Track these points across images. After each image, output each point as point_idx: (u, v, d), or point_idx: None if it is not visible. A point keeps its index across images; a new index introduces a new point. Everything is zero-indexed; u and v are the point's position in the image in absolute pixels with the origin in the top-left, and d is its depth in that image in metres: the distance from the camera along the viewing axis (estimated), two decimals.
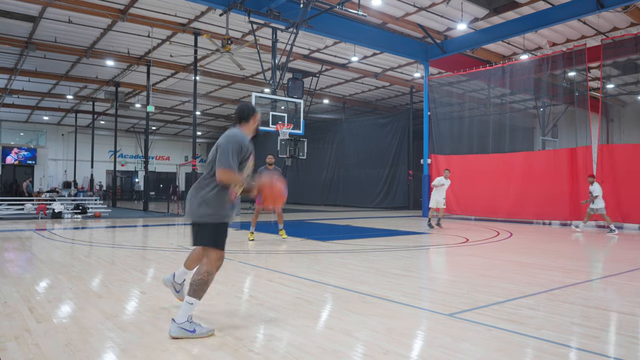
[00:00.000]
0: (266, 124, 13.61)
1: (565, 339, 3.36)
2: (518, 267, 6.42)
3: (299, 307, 4.18)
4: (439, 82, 18.53)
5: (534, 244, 9.51)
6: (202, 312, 4.00)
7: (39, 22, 15.00)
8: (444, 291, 4.92)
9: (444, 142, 18.12)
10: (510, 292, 4.85)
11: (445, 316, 3.92)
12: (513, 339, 3.33)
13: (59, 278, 5.45)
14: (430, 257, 7.89)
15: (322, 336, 3.41)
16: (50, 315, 3.88)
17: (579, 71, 15.77)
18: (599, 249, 8.99)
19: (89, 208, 16.84)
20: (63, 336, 3.33)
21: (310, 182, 29.32)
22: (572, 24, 14.85)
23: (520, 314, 3.97)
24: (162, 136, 38.66)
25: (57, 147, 34.68)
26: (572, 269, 6.35)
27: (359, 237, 10.49)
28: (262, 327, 3.64)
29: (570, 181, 14.13)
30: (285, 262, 6.78)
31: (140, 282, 5.33)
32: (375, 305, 4.32)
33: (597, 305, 4.33)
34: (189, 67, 19.60)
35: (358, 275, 5.73)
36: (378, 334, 3.45)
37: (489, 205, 15.94)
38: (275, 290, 4.89)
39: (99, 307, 4.14)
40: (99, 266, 6.35)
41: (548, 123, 20.73)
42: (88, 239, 9.87)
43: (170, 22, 15.39)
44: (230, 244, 8.93)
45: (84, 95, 25.72)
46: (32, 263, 6.61)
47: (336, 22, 15.07)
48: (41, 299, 4.45)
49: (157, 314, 3.93)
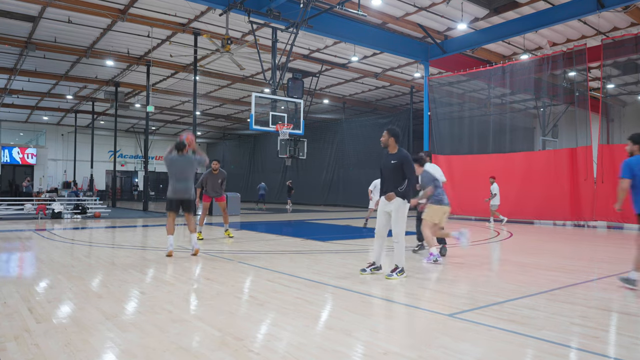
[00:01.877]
0: (266, 124, 13.61)
1: (565, 339, 3.36)
2: (518, 267, 6.42)
3: (299, 307, 4.18)
4: (439, 82, 18.52)
5: (534, 244, 9.51)
6: (202, 312, 4.01)
7: (38, 22, 15.00)
8: (444, 291, 4.92)
9: (444, 142, 18.12)
10: (511, 292, 4.86)
11: (445, 316, 3.92)
12: (513, 339, 3.33)
13: (59, 278, 5.45)
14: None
15: (322, 336, 3.41)
16: (50, 315, 3.89)
17: (579, 71, 15.77)
18: (599, 249, 8.99)
19: (88, 208, 16.84)
20: (63, 336, 3.33)
21: (310, 182, 29.33)
22: (573, 23, 14.85)
23: (520, 314, 3.98)
24: (162, 136, 38.65)
25: (57, 147, 34.69)
26: (573, 269, 6.35)
27: (359, 238, 10.49)
28: (262, 327, 3.64)
29: (571, 181, 14.12)
30: (285, 262, 6.79)
31: (140, 282, 5.33)
32: (375, 306, 4.32)
33: (598, 306, 4.33)
34: (189, 67, 19.60)
35: (358, 275, 5.73)
36: (378, 334, 3.46)
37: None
38: (275, 290, 4.89)
39: (99, 307, 4.14)
40: (99, 266, 6.35)
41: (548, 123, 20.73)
42: (88, 239, 9.87)
43: (170, 22, 15.40)
44: (230, 244, 8.93)
45: (83, 95, 25.72)
46: (32, 263, 6.61)
47: (336, 22, 15.07)
48: (41, 299, 4.46)
49: (157, 314, 3.93)
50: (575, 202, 13.93)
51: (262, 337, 3.42)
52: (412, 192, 5.70)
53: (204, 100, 26.08)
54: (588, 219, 13.73)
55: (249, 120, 13.62)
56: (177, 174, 7.41)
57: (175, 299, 4.48)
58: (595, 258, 7.67)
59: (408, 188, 5.59)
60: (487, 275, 5.90)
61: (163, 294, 4.65)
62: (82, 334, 3.39)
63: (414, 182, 5.63)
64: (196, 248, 7.40)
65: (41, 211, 15.49)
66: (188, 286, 5.17)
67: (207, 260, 7.01)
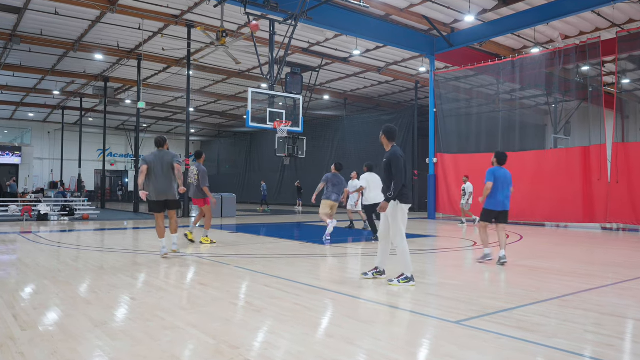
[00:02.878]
0: (263, 121, 13.61)
1: (578, 347, 3.36)
2: (528, 272, 6.42)
3: (298, 314, 4.18)
4: (446, 77, 18.52)
5: (545, 247, 9.51)
6: (195, 319, 4.01)
7: (23, 13, 15.00)
8: (450, 297, 4.92)
9: (451, 140, 18.12)
10: (521, 298, 4.86)
11: (452, 323, 3.92)
12: (523, 348, 3.33)
13: (45, 283, 5.45)
14: (437, 261, 7.89)
15: (322, 344, 3.41)
16: (36, 322, 3.88)
17: (592, 65, 15.76)
18: (613, 253, 8.99)
19: (76, 210, 16.85)
20: (49, 345, 3.33)
21: (310, 182, 29.27)
22: (586, 15, 14.86)
23: (530, 321, 3.97)
24: (153, 134, 38.64)
25: (43, 146, 34.70)
26: (586, 274, 6.35)
27: (362, 241, 10.50)
28: (258, 335, 3.64)
29: (584, 181, 14.12)
30: (284, 267, 6.79)
31: (130, 287, 5.33)
32: (378, 312, 4.32)
33: (612, 312, 4.33)
34: (182, 61, 19.60)
35: (360, 281, 5.73)
36: (381, 342, 3.45)
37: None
38: (272, 296, 4.89)
39: (87, 314, 4.14)
40: (87, 271, 6.35)
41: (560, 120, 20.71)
42: (75, 242, 9.87)
43: (162, 13, 15.40)
44: (225, 248, 8.93)
45: (71, 90, 25.73)
46: (16, 267, 6.61)
47: (337, 13, 15.08)
48: (26, 305, 4.45)
49: (149, 321, 3.93)
50: (589, 203, 13.93)
51: (258, 345, 3.41)
52: (403, 189, 5.49)
53: (198, 96, 26.10)
54: (601, 221, 13.74)
55: (245, 117, 13.63)
56: (157, 171, 7.33)
57: (167, 305, 4.48)
58: (610, 262, 7.66)
59: (397, 187, 5.38)
60: (496, 280, 5.90)
61: (155, 300, 4.65)
62: (69, 342, 3.39)
63: (400, 179, 5.45)
64: (173, 249, 7.72)
65: (26, 213, 15.49)
66: (181, 292, 5.17)
67: (201, 264, 7.01)
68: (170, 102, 28.55)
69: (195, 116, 32.64)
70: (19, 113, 31.43)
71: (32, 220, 15.32)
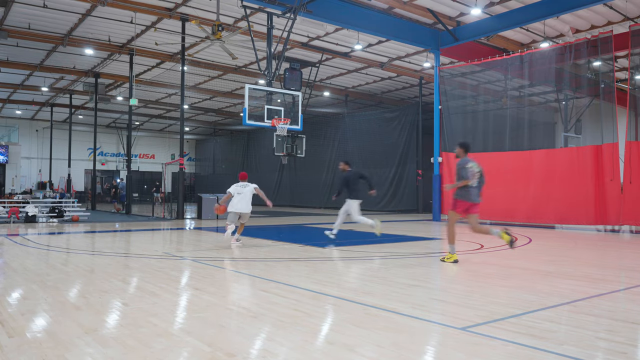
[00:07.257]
0: (261, 119, 13.63)
1: (589, 355, 3.36)
2: (538, 276, 6.42)
3: (297, 320, 4.18)
4: (451, 72, 18.53)
5: (555, 250, 9.51)
6: (190, 326, 4.01)
7: (11, 6, 15.01)
8: (456, 302, 4.93)
9: (456, 138, 18.07)
10: (530, 303, 4.86)
11: (457, 330, 3.92)
12: (532, 355, 3.33)
13: (33, 288, 5.45)
14: (442, 265, 7.89)
15: (322, 352, 3.41)
16: (24, 329, 3.89)
17: (604, 60, 15.76)
18: (626, 256, 8.99)
19: (65, 211, 16.85)
20: (38, 352, 3.33)
21: (310, 182, 29.33)
22: (598, 8, 14.86)
23: (540, 328, 3.98)
24: (146, 132, 38.68)
25: (31, 144, 34.71)
26: (598, 278, 6.35)
27: (363, 244, 10.50)
28: (256, 342, 3.64)
29: (595, 182, 14.11)
30: (282, 271, 6.79)
31: (122, 292, 5.33)
32: (380, 318, 4.32)
33: (626, 318, 4.33)
34: (176, 56, 19.62)
35: (362, 285, 5.74)
36: (383, 349, 3.46)
37: (506, 208, 15.91)
38: (270, 301, 4.90)
39: (77, 320, 4.14)
40: (77, 275, 6.35)
41: (571, 118, 20.74)
42: (65, 245, 9.87)
43: (156, 6, 15.41)
44: (221, 251, 8.93)
45: (60, 87, 25.74)
46: (3, 272, 6.61)
47: (338, 6, 15.08)
48: (13, 311, 4.46)
49: (141, 327, 3.93)
50: (601, 204, 13.92)
51: (256, 353, 3.42)
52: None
53: (193, 92, 26.10)
54: (614, 223, 13.73)
55: (242, 115, 13.64)
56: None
57: (160, 310, 4.48)
58: (623, 266, 7.67)
59: None
60: (504, 284, 5.90)
61: (147, 306, 4.65)
62: (58, 349, 3.39)
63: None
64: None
65: (14, 214, 15.50)
66: (175, 297, 5.17)
67: (196, 268, 7.02)
68: (163, 99, 28.56)
69: (190, 114, 32.64)
70: (6, 110, 31.46)
71: (19, 222, 15.33)
